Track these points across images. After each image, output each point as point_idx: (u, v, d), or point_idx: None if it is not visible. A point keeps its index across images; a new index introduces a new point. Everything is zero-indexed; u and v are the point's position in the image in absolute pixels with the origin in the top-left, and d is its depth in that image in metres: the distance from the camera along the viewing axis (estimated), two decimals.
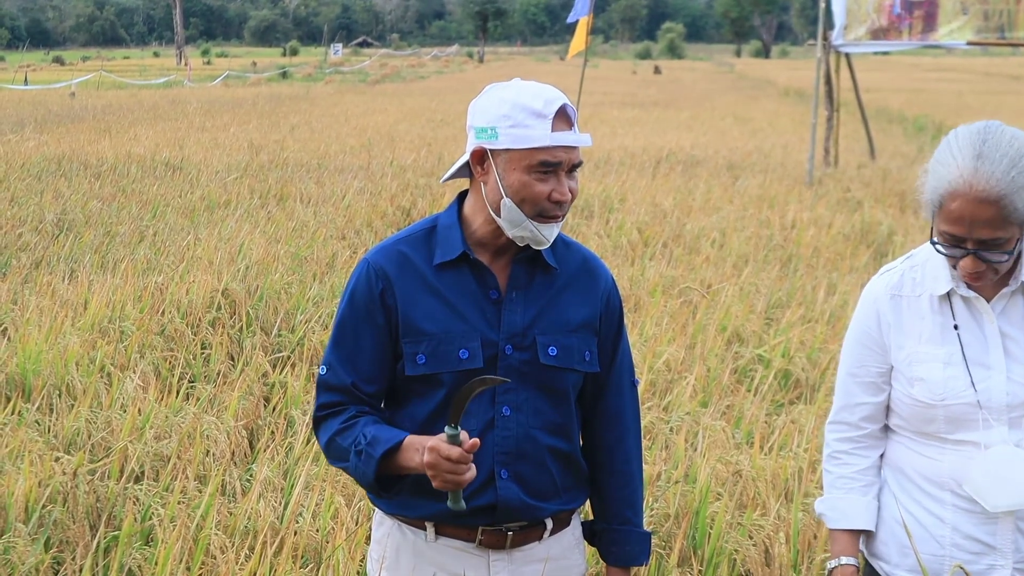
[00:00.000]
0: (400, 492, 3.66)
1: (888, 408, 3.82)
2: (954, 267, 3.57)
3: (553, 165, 3.51)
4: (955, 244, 3.48)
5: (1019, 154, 3.41)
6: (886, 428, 3.86)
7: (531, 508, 3.71)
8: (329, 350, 3.74)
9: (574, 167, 3.58)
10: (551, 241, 3.62)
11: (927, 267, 3.71)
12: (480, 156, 3.60)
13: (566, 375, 3.72)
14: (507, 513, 3.69)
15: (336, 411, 3.69)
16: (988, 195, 3.37)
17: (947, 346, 3.63)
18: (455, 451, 3.35)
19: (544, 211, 3.54)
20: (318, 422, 3.73)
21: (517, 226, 3.57)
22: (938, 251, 3.54)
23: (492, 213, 3.61)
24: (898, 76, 76.61)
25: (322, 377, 3.72)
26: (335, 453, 3.67)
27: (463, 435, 3.38)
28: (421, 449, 3.45)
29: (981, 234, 3.42)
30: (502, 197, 3.55)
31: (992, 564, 3.63)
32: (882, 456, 3.89)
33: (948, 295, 3.66)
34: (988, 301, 3.63)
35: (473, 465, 3.41)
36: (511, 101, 3.53)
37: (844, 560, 3.88)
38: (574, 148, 3.56)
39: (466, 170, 3.71)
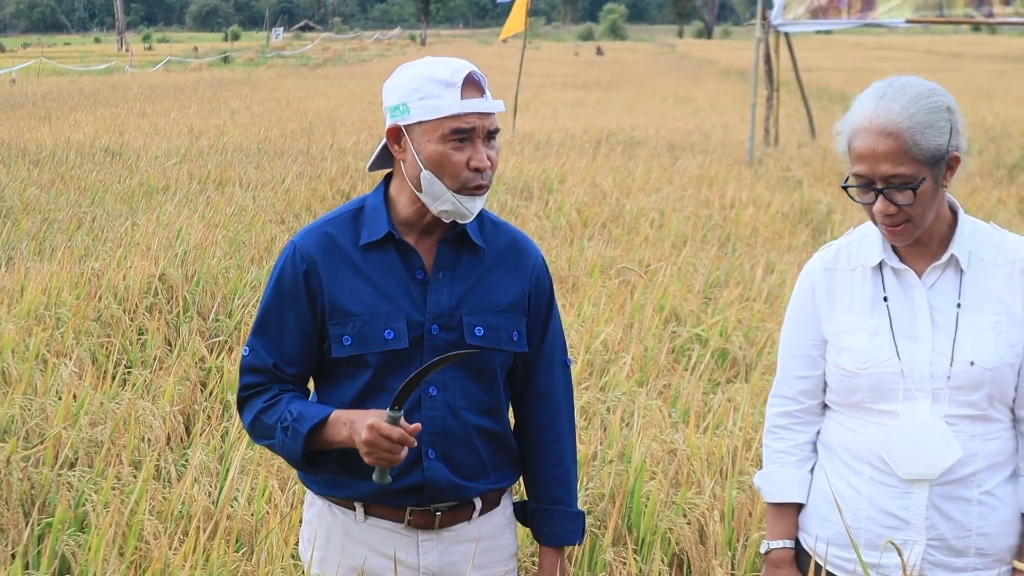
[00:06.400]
0: (327, 467, 3.67)
1: (825, 383, 3.85)
2: (873, 220, 3.62)
3: (466, 132, 3.52)
4: (866, 187, 3.56)
5: (921, 94, 3.51)
6: (825, 405, 3.88)
7: (459, 488, 3.73)
8: (253, 332, 3.75)
9: (491, 134, 3.59)
10: (475, 213, 3.62)
11: (863, 242, 3.75)
12: (396, 134, 3.61)
13: (493, 355, 3.73)
14: (434, 493, 3.70)
15: (259, 391, 3.70)
16: (886, 127, 3.48)
17: (876, 317, 3.67)
18: (396, 432, 3.38)
19: (466, 182, 3.55)
20: (242, 403, 3.75)
21: (439, 199, 3.57)
22: (851, 197, 3.63)
23: (414, 190, 3.61)
24: (840, 55, 76.87)
25: (245, 359, 3.73)
26: (260, 432, 3.69)
27: (403, 422, 3.42)
28: (348, 423, 3.48)
29: (883, 170, 3.50)
30: (421, 171, 3.55)
31: (906, 540, 3.64)
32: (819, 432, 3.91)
33: (880, 268, 3.70)
34: (920, 276, 3.66)
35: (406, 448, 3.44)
36: (419, 75, 3.55)
37: (779, 544, 3.91)
38: (488, 114, 3.57)
39: (388, 154, 3.71)
